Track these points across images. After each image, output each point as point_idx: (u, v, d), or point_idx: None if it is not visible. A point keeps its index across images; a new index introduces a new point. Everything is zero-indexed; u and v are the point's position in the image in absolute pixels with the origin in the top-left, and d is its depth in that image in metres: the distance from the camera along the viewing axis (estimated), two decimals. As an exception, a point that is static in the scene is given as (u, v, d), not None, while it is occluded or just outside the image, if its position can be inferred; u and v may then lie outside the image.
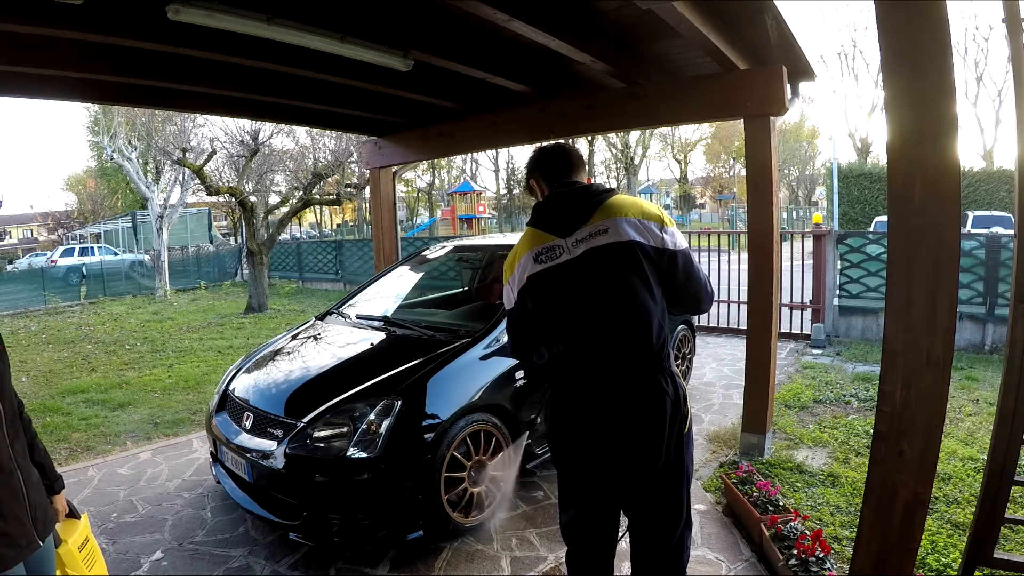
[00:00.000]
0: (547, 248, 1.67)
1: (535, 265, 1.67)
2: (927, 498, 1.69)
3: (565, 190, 1.74)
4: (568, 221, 1.67)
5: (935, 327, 1.60)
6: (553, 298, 1.67)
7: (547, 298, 1.68)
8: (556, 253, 1.66)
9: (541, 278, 1.66)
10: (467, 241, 5.21)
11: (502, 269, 1.87)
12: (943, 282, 1.58)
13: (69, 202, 33.79)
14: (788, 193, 38.47)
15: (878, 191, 18.64)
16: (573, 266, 1.63)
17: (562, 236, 1.66)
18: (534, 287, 1.68)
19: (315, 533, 2.58)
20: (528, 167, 1.90)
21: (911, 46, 1.57)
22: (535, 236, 1.72)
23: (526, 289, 1.70)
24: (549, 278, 1.66)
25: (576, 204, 1.69)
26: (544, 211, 1.74)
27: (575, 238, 1.64)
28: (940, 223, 1.58)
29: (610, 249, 1.61)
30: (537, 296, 1.69)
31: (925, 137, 1.58)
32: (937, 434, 1.64)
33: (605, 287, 1.62)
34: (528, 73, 4.00)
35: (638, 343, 1.62)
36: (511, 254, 1.80)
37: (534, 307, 1.71)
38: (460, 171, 41.11)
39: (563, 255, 1.65)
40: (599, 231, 1.63)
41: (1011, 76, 1.85)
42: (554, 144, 1.91)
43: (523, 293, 1.71)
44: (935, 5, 1.53)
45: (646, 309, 1.62)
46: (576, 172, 1.81)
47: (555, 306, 1.68)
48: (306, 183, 12.30)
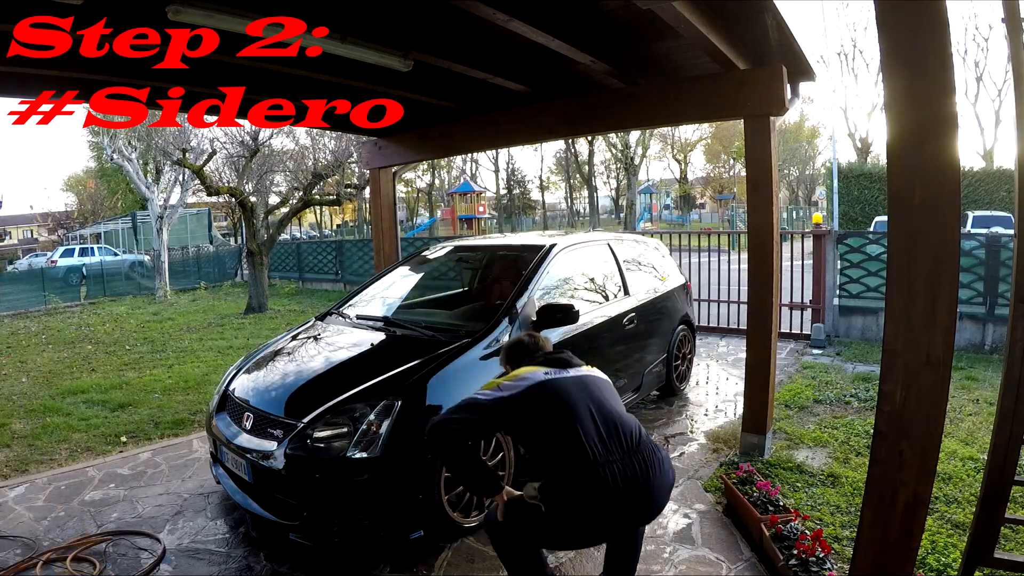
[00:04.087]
0: (554, 370, 2.12)
1: (544, 376, 2.06)
2: (927, 498, 1.69)
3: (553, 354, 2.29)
4: (567, 364, 2.19)
5: (935, 327, 1.60)
6: (560, 400, 2.00)
7: (554, 401, 2.00)
8: (561, 373, 2.11)
9: (551, 385, 2.04)
10: (467, 241, 5.22)
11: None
12: (943, 282, 1.58)
13: (69, 202, 33.79)
14: (788, 193, 38.47)
15: (878, 191, 18.63)
16: (574, 381, 2.09)
17: (564, 368, 2.15)
18: (541, 392, 2.02)
19: (315, 533, 2.58)
20: (504, 358, 2.42)
21: (911, 46, 1.57)
22: (537, 367, 2.15)
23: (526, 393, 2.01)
24: (557, 385, 2.04)
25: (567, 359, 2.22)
26: (543, 360, 2.21)
27: (578, 370, 2.16)
28: (940, 223, 1.58)
29: (600, 378, 2.21)
30: (543, 400, 2.01)
31: (925, 137, 1.58)
32: (937, 434, 1.64)
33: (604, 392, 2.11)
34: (528, 73, 4.00)
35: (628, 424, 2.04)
36: (507, 377, 2.12)
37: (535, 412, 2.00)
38: (460, 171, 41.12)
39: (567, 375, 2.11)
40: (594, 373, 2.22)
41: (1011, 76, 1.85)
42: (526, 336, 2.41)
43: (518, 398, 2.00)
44: (935, 5, 1.54)
45: (628, 414, 2.14)
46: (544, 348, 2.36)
47: (562, 406, 1.99)
48: (306, 183, 12.29)
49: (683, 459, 3.80)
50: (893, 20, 1.59)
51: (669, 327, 4.76)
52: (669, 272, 5.10)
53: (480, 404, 2.01)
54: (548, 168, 46.61)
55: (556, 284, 3.73)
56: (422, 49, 3.33)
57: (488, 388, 2.07)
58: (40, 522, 3.14)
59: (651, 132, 33.12)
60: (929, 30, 1.54)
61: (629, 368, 4.17)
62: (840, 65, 36.28)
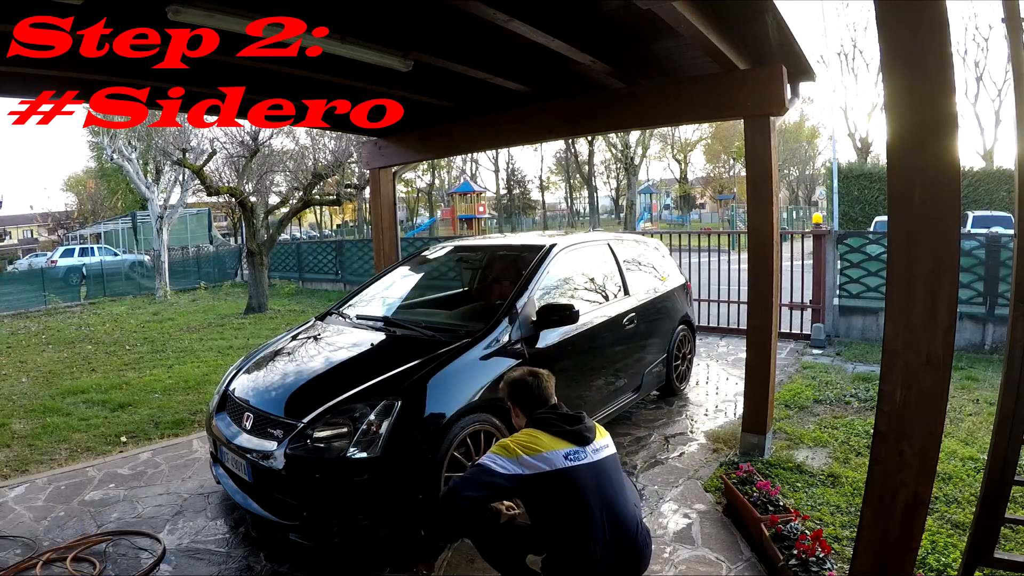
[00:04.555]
0: (574, 451, 2.10)
1: (565, 462, 2.06)
2: (927, 498, 1.69)
3: (566, 412, 2.24)
4: (584, 434, 2.15)
5: (935, 327, 1.60)
6: (575, 491, 2.04)
7: (570, 490, 2.05)
8: (581, 456, 2.10)
9: (570, 473, 2.05)
10: (467, 241, 5.22)
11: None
12: (943, 282, 1.58)
13: (69, 202, 33.79)
14: (788, 193, 38.46)
15: (878, 191, 18.62)
16: (594, 468, 2.10)
17: (583, 445, 2.12)
18: (560, 479, 2.04)
19: (315, 533, 2.58)
20: (506, 393, 2.39)
21: (911, 46, 1.58)
22: (555, 440, 2.11)
23: (545, 477, 2.03)
24: (576, 475, 2.06)
25: (582, 423, 2.19)
26: (558, 425, 2.17)
27: (593, 447, 2.14)
28: (940, 223, 1.58)
29: (613, 458, 2.21)
30: (559, 487, 2.05)
31: (925, 137, 1.58)
32: (937, 434, 1.64)
33: (615, 483, 2.14)
34: (528, 73, 4.00)
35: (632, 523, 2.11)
36: (525, 443, 2.10)
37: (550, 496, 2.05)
38: (460, 171, 41.13)
39: (586, 458, 2.10)
40: (604, 445, 2.20)
41: (1011, 76, 1.85)
42: (529, 376, 2.34)
43: (536, 479, 2.04)
44: (935, 5, 1.54)
45: (633, 498, 2.22)
46: (551, 398, 2.32)
47: (576, 497, 2.04)
48: (306, 183, 12.28)
49: (683, 459, 3.80)
50: (893, 20, 1.59)
51: (669, 327, 4.76)
52: (669, 272, 5.10)
53: (496, 481, 2.04)
54: (548, 168, 46.68)
55: (556, 284, 3.73)
56: (422, 49, 3.33)
57: (506, 457, 2.06)
58: (40, 522, 3.14)
59: (651, 132, 33.12)
60: (929, 30, 1.54)
61: (629, 368, 4.17)
62: (840, 65, 36.22)
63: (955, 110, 1.56)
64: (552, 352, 3.33)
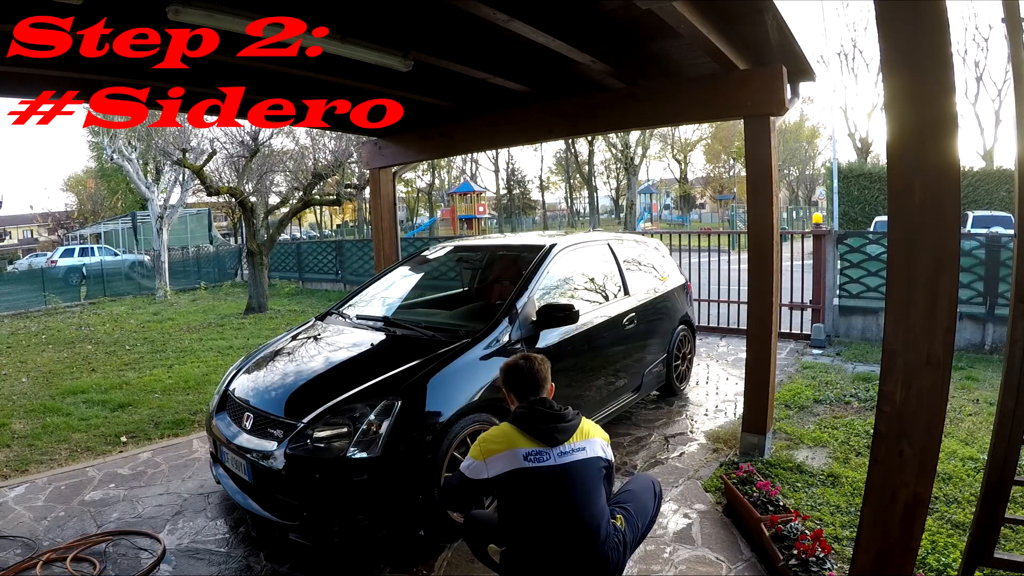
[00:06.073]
0: (535, 452, 2.02)
1: (524, 462, 2.00)
2: (927, 498, 1.69)
3: (546, 409, 2.10)
4: (554, 435, 2.04)
5: (935, 327, 1.60)
6: (533, 492, 2.00)
7: (527, 491, 2.01)
8: (543, 458, 2.01)
9: (527, 474, 1.99)
10: (467, 241, 5.22)
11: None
12: (943, 282, 1.58)
13: (69, 202, 33.81)
14: (788, 193, 38.46)
15: (878, 191, 18.63)
16: (556, 471, 2.00)
17: (550, 445, 2.02)
18: (517, 480, 2.00)
19: (315, 533, 2.58)
20: (501, 380, 2.30)
21: (911, 46, 1.58)
22: (521, 438, 2.04)
23: (505, 477, 2.00)
24: (534, 476, 1.99)
25: (559, 422, 2.06)
26: (531, 421, 2.08)
27: (560, 450, 2.02)
28: (940, 223, 1.58)
29: (585, 463, 2.05)
30: (517, 487, 2.01)
31: (925, 137, 1.58)
32: (937, 434, 1.64)
33: (577, 490, 2.01)
34: (528, 73, 4.00)
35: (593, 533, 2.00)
36: (493, 441, 2.06)
37: (510, 495, 2.03)
38: (460, 171, 41.15)
39: (548, 460, 2.01)
40: (579, 448, 2.06)
41: (1011, 76, 1.85)
42: (522, 360, 2.24)
43: (499, 479, 2.01)
44: (935, 5, 1.54)
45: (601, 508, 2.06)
46: (542, 390, 2.21)
47: (533, 499, 2.00)
48: (306, 183, 12.29)
49: (683, 459, 3.80)
50: (893, 20, 1.59)
51: (669, 327, 4.76)
52: (669, 272, 5.10)
53: (467, 479, 2.09)
54: (548, 168, 46.70)
55: (556, 284, 3.73)
56: (422, 49, 3.33)
57: (475, 459, 2.07)
58: (40, 522, 3.14)
59: (651, 132, 33.11)
60: (929, 30, 1.54)
61: (629, 368, 4.17)
62: (840, 65, 36.12)
63: (955, 110, 1.56)
64: (552, 352, 3.33)
